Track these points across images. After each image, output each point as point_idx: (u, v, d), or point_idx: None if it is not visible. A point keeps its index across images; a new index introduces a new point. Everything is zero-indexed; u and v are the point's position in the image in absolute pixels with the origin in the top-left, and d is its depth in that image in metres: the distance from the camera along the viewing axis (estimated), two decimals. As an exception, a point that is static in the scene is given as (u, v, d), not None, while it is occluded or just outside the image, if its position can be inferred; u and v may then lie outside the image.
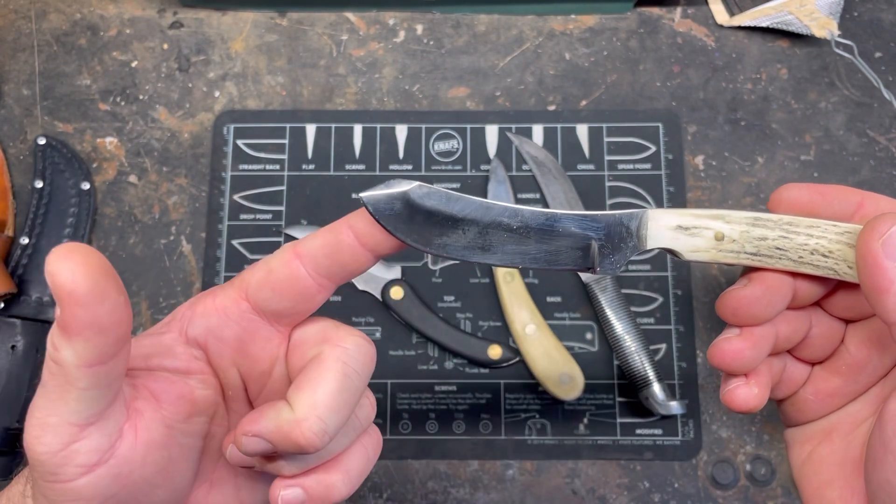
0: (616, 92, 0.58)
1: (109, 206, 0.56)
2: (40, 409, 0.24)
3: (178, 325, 0.29)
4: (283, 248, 0.29)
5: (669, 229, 0.28)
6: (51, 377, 0.23)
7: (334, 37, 0.60)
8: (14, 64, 0.59)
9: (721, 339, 0.29)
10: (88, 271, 0.22)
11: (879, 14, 0.59)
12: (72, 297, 0.22)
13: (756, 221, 0.28)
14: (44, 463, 0.24)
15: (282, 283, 0.28)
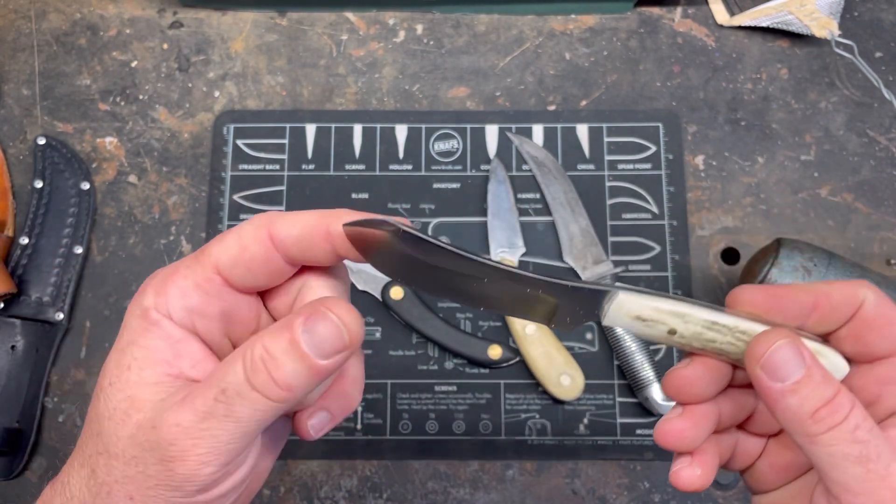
0: (616, 92, 0.58)
1: (109, 206, 0.56)
2: (213, 434, 0.25)
3: (155, 320, 0.28)
4: (255, 221, 0.28)
5: (629, 317, 0.29)
6: (241, 406, 0.25)
7: (334, 37, 0.60)
8: (14, 64, 0.59)
9: (664, 419, 0.29)
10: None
11: (880, 14, 0.59)
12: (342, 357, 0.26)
13: (712, 326, 0.28)
14: (198, 483, 0.25)
15: (256, 262, 0.28)
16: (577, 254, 0.54)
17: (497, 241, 0.54)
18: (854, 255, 0.54)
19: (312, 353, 0.25)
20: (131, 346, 0.27)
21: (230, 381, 0.25)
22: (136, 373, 0.27)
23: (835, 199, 0.56)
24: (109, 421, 0.26)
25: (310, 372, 0.25)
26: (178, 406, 0.25)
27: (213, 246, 0.28)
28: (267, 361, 0.25)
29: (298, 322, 0.26)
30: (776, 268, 0.44)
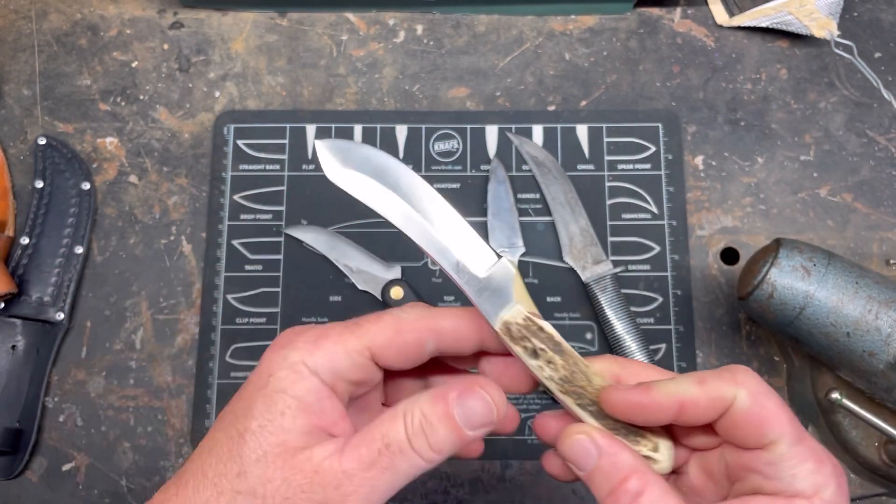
0: (616, 92, 0.58)
1: (110, 206, 0.56)
2: (373, 482, 0.29)
3: (306, 374, 0.30)
4: (417, 311, 0.32)
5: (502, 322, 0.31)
6: (401, 461, 0.29)
7: (334, 37, 0.60)
8: (14, 64, 0.59)
9: (543, 413, 0.33)
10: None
11: (879, 14, 0.59)
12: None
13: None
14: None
15: (409, 347, 0.31)
16: (576, 254, 0.54)
17: (497, 241, 0.54)
18: (853, 254, 0.54)
19: (463, 423, 0.29)
20: (282, 394, 0.29)
21: (394, 437, 0.29)
22: (290, 420, 0.29)
23: (834, 199, 0.56)
24: (259, 463, 0.28)
25: (458, 440, 0.29)
26: (341, 455, 0.28)
27: (370, 324, 0.32)
28: (425, 426, 0.29)
29: (453, 396, 0.29)
30: (776, 268, 0.44)
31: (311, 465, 0.28)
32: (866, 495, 0.49)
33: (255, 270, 0.54)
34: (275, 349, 0.31)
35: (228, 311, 0.54)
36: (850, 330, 0.43)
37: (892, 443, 0.46)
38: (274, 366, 0.30)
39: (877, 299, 0.43)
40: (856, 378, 0.45)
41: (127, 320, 0.54)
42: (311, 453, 0.29)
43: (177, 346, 0.54)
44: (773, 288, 0.44)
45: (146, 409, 0.52)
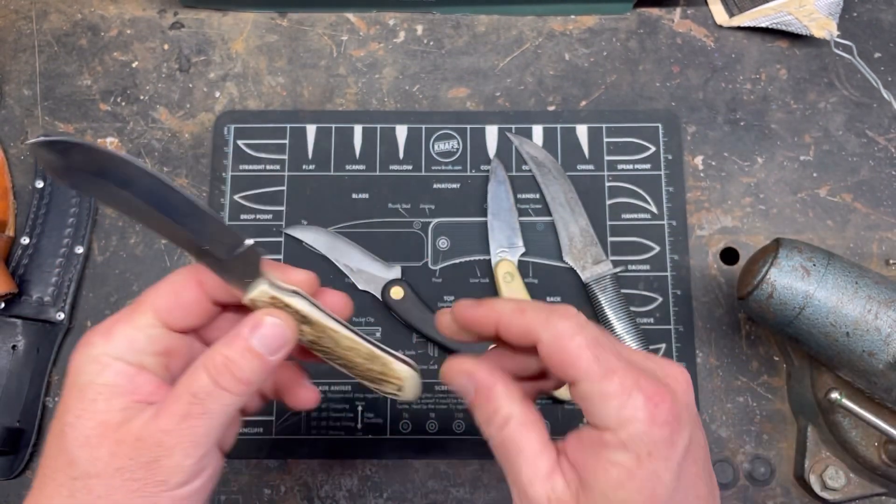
0: (616, 92, 0.58)
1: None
2: (192, 430, 0.31)
3: (108, 363, 0.32)
4: (184, 270, 0.35)
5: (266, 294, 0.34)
6: (212, 403, 0.32)
7: (334, 37, 0.60)
8: (15, 64, 0.59)
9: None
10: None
11: (879, 14, 0.59)
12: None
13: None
14: (181, 474, 0.31)
15: (189, 304, 0.34)
16: (576, 254, 0.54)
17: (497, 241, 0.54)
18: (853, 254, 0.54)
19: (265, 351, 0.33)
20: (91, 384, 0.32)
21: (199, 385, 0.31)
22: (104, 403, 0.32)
23: (834, 199, 0.56)
24: (84, 448, 0.31)
25: (263, 367, 0.33)
26: (155, 417, 0.31)
27: (148, 296, 0.34)
28: (229, 364, 0.32)
29: (246, 331, 0.33)
30: (775, 267, 0.44)
31: (133, 434, 0.31)
32: (866, 495, 0.49)
33: (256, 270, 0.54)
34: (77, 350, 0.33)
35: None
36: (850, 330, 0.43)
37: (891, 443, 0.46)
38: (79, 364, 0.33)
39: (876, 299, 0.43)
40: (855, 378, 0.45)
41: (127, 320, 0.54)
42: (130, 424, 0.31)
43: (177, 346, 0.54)
44: (773, 288, 0.44)
45: (146, 409, 0.53)
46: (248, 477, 0.52)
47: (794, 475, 0.51)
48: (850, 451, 0.48)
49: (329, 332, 0.36)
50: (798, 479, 0.51)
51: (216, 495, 0.51)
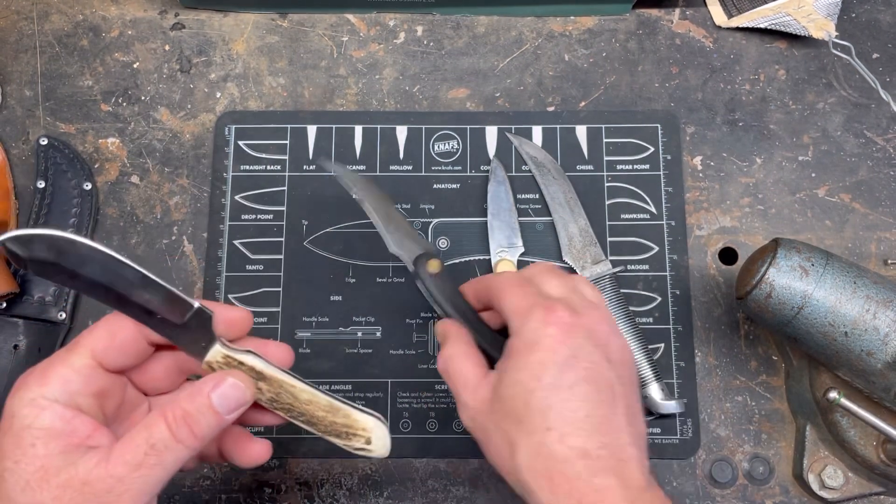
0: (615, 93, 0.58)
1: (111, 207, 0.56)
2: (144, 480, 0.33)
3: (45, 406, 0.33)
4: (119, 314, 0.37)
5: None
6: (168, 455, 0.33)
7: (335, 38, 0.60)
8: (16, 65, 0.59)
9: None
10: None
11: (877, 15, 0.59)
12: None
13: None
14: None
15: (125, 344, 0.36)
16: (576, 254, 0.54)
17: (497, 241, 0.54)
18: (851, 254, 0.55)
19: (222, 410, 0.35)
20: (28, 429, 0.32)
21: (158, 436, 0.33)
22: (43, 447, 0.32)
23: (832, 200, 0.56)
24: (25, 493, 0.31)
25: (219, 424, 0.35)
26: (106, 462, 0.32)
27: (85, 337, 0.35)
28: (187, 419, 0.33)
29: (208, 388, 0.34)
30: (774, 268, 0.44)
31: (79, 478, 0.31)
32: (864, 494, 0.49)
33: (257, 270, 0.55)
34: (12, 393, 0.33)
35: (229, 310, 0.54)
36: (848, 329, 0.43)
37: (890, 442, 0.46)
38: (15, 408, 0.33)
39: (875, 299, 0.43)
40: (854, 377, 0.46)
41: (128, 320, 0.54)
42: (75, 469, 0.32)
43: (178, 346, 0.54)
44: (772, 287, 0.44)
45: (147, 409, 0.53)
46: (248, 476, 0.52)
47: (793, 474, 0.51)
48: (849, 450, 0.48)
49: (286, 388, 0.37)
50: (797, 478, 0.51)
51: (218, 494, 0.51)
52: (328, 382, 0.53)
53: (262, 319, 0.54)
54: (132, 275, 0.34)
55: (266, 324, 0.54)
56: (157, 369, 0.38)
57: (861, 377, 0.45)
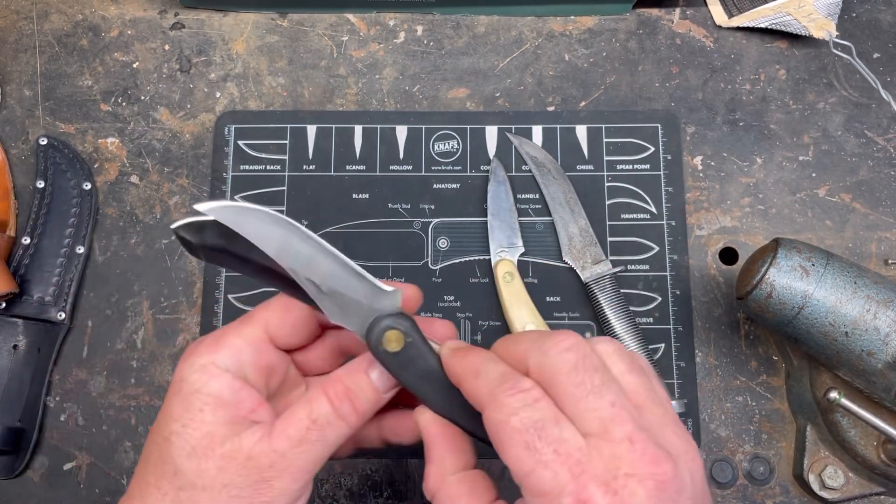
0: (615, 93, 0.58)
1: (111, 207, 0.56)
2: (305, 456, 0.32)
3: (216, 373, 0.32)
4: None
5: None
6: (330, 432, 0.33)
7: (335, 38, 0.60)
8: (16, 65, 0.59)
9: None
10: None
11: (878, 15, 0.59)
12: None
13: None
14: (288, 497, 0.32)
15: (299, 322, 0.35)
16: (576, 254, 0.54)
17: (497, 241, 0.54)
18: (852, 254, 0.54)
19: (380, 387, 0.33)
20: (198, 393, 0.32)
21: (319, 412, 0.32)
22: (211, 414, 0.31)
23: (833, 200, 0.56)
24: (190, 458, 0.31)
25: (377, 401, 0.34)
26: (269, 437, 0.31)
27: (260, 311, 0.35)
28: (349, 394, 0.33)
29: (365, 365, 0.34)
30: (774, 267, 0.44)
31: (243, 452, 0.31)
32: (865, 494, 0.49)
33: (256, 270, 0.55)
34: (183, 359, 0.33)
35: (229, 310, 0.54)
36: (849, 329, 0.43)
37: (890, 442, 0.46)
38: (185, 372, 0.32)
39: (875, 299, 0.43)
40: (854, 377, 0.46)
41: (128, 320, 0.54)
42: (239, 441, 0.31)
43: (178, 346, 0.54)
44: (772, 287, 0.44)
45: (147, 409, 0.53)
46: (248, 476, 0.52)
47: (793, 474, 0.51)
48: (849, 450, 0.48)
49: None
50: (797, 478, 0.51)
51: (217, 495, 0.51)
52: (328, 382, 0.53)
53: (261, 319, 0.54)
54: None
55: (266, 324, 0.54)
56: (320, 349, 0.37)
57: (861, 377, 0.45)
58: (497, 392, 0.29)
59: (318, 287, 0.32)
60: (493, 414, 0.28)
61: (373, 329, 0.33)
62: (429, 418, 0.33)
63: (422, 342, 0.33)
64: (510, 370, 0.30)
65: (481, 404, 0.29)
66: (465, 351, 0.32)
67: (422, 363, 0.33)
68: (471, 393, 0.30)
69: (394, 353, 0.33)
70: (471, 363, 0.31)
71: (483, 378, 0.30)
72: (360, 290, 0.32)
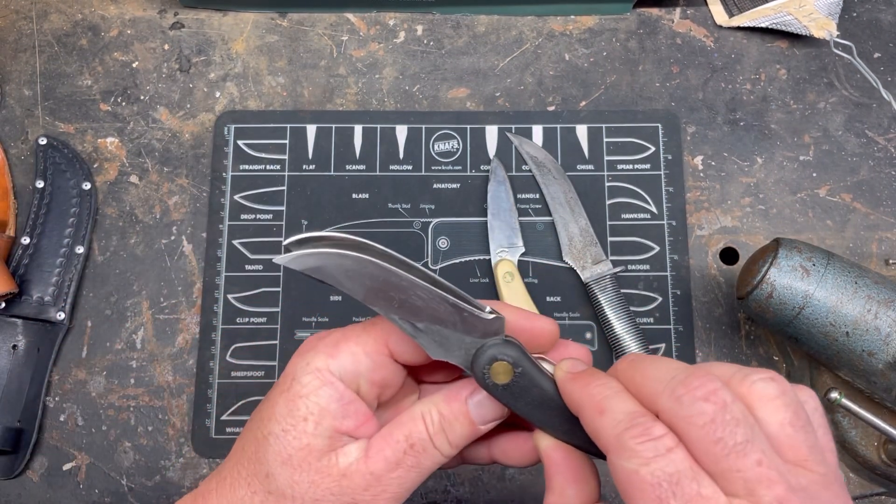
0: (615, 92, 0.58)
1: (110, 207, 0.56)
2: (400, 481, 0.31)
3: (329, 380, 0.30)
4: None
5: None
6: (425, 458, 0.31)
7: (335, 37, 0.60)
8: (15, 64, 0.59)
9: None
10: None
11: (878, 14, 0.59)
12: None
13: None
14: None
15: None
16: (576, 254, 0.54)
17: (497, 241, 0.54)
18: (853, 254, 0.54)
19: (476, 419, 0.31)
20: (305, 399, 0.30)
21: (417, 437, 0.30)
22: (314, 425, 0.30)
23: (833, 200, 0.56)
24: (285, 466, 0.30)
25: (472, 435, 0.31)
26: (366, 458, 0.30)
27: (384, 321, 0.32)
28: (444, 424, 0.31)
29: (465, 394, 0.31)
30: (775, 267, 0.44)
31: (338, 469, 0.30)
32: (866, 494, 0.49)
33: (256, 270, 0.55)
34: (299, 354, 0.32)
35: (229, 310, 0.54)
36: (850, 329, 0.43)
37: (891, 442, 0.46)
38: (298, 370, 0.31)
39: (876, 299, 0.43)
40: (855, 378, 0.45)
41: (128, 320, 0.54)
42: (335, 457, 0.30)
43: (177, 346, 0.54)
44: (773, 288, 0.44)
45: (147, 409, 0.53)
46: (248, 476, 0.52)
47: (794, 475, 0.51)
48: (850, 450, 0.48)
49: None
50: (798, 478, 0.51)
51: (216, 495, 0.51)
52: (328, 383, 0.53)
53: (261, 320, 0.54)
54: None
55: (265, 324, 0.54)
56: (436, 366, 0.34)
57: (862, 377, 0.45)
58: (624, 437, 0.25)
59: (412, 325, 0.30)
60: (621, 462, 0.25)
61: (476, 361, 0.30)
62: (550, 445, 0.30)
63: (533, 369, 0.30)
64: (639, 410, 0.26)
65: (606, 447, 0.26)
66: (586, 378, 0.29)
67: (535, 392, 0.30)
68: (593, 431, 0.27)
69: (503, 386, 0.30)
70: (593, 396, 0.28)
71: (608, 417, 0.26)
72: (459, 320, 0.30)
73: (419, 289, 0.29)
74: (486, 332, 0.30)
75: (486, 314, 0.30)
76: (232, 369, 0.53)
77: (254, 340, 0.53)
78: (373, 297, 0.29)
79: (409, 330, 0.30)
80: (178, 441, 0.52)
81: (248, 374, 0.53)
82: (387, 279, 0.29)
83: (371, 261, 0.28)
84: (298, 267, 0.28)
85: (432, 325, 0.30)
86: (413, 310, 0.29)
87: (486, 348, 0.30)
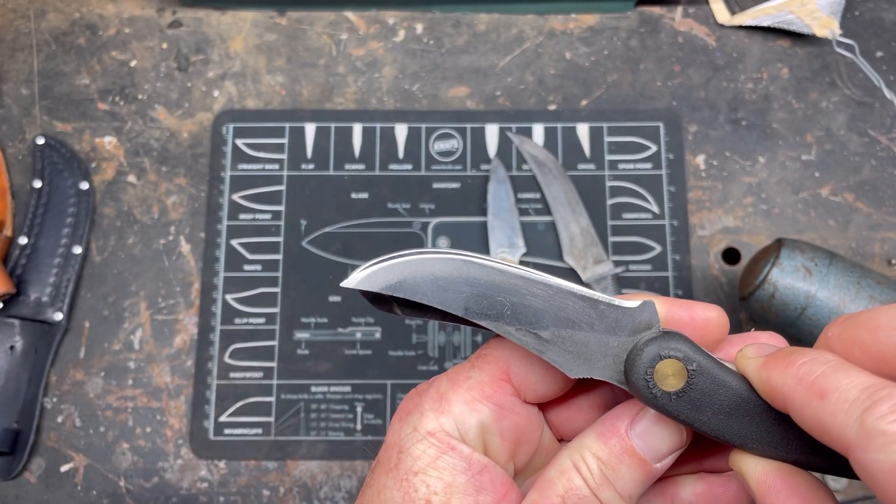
0: (617, 91, 0.58)
1: (108, 206, 0.56)
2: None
3: (451, 445, 0.23)
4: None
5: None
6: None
7: (334, 36, 0.59)
8: (13, 63, 0.59)
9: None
10: None
11: (881, 13, 0.59)
12: None
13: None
14: None
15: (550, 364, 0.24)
16: (577, 254, 0.54)
17: (497, 240, 0.54)
18: (855, 255, 0.54)
19: (648, 457, 0.23)
20: (421, 475, 0.23)
21: (576, 497, 0.23)
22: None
23: (836, 199, 0.55)
24: None
25: (648, 477, 0.23)
26: None
27: (496, 347, 0.24)
28: (607, 473, 0.23)
29: (625, 426, 0.23)
30: (777, 268, 0.44)
31: None
32: (868, 496, 0.49)
33: (255, 270, 0.54)
34: (399, 419, 0.24)
35: (227, 311, 0.54)
36: (852, 330, 0.43)
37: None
38: (403, 439, 0.24)
39: (878, 299, 0.43)
40: (858, 379, 0.45)
41: (125, 320, 0.54)
42: None
43: (175, 347, 0.53)
44: (775, 288, 0.44)
45: (145, 410, 0.52)
46: (246, 478, 0.51)
47: (796, 476, 0.51)
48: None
49: None
50: (800, 480, 0.50)
51: (216, 496, 0.51)
52: (326, 384, 0.52)
53: (259, 320, 0.53)
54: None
55: (264, 325, 0.53)
56: (579, 399, 0.26)
57: (865, 379, 0.44)
58: (868, 420, 0.18)
59: (535, 335, 0.23)
60: (871, 455, 0.18)
61: (633, 367, 0.22)
62: (758, 468, 0.22)
63: (712, 364, 0.22)
64: (877, 381, 0.18)
65: (841, 441, 0.18)
66: (786, 357, 0.21)
67: (723, 395, 0.22)
68: (816, 425, 0.19)
69: (676, 394, 0.22)
70: (803, 378, 0.20)
71: (835, 399, 0.19)
72: (595, 317, 0.23)
73: (535, 284, 0.23)
74: (636, 327, 0.23)
75: (629, 303, 0.23)
76: (230, 370, 0.53)
77: (252, 341, 0.53)
78: (477, 308, 0.23)
79: (532, 344, 0.23)
80: (177, 442, 0.52)
81: (247, 375, 0.53)
82: (490, 279, 0.23)
83: (466, 258, 0.23)
84: (375, 286, 0.23)
85: (561, 330, 0.23)
86: (532, 314, 0.23)
87: (643, 346, 0.22)
